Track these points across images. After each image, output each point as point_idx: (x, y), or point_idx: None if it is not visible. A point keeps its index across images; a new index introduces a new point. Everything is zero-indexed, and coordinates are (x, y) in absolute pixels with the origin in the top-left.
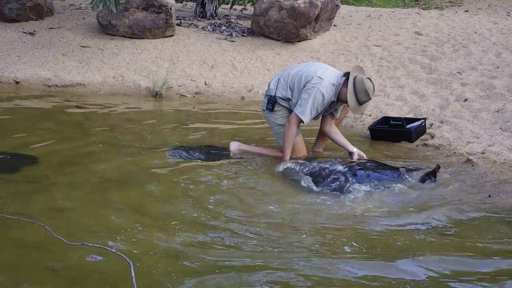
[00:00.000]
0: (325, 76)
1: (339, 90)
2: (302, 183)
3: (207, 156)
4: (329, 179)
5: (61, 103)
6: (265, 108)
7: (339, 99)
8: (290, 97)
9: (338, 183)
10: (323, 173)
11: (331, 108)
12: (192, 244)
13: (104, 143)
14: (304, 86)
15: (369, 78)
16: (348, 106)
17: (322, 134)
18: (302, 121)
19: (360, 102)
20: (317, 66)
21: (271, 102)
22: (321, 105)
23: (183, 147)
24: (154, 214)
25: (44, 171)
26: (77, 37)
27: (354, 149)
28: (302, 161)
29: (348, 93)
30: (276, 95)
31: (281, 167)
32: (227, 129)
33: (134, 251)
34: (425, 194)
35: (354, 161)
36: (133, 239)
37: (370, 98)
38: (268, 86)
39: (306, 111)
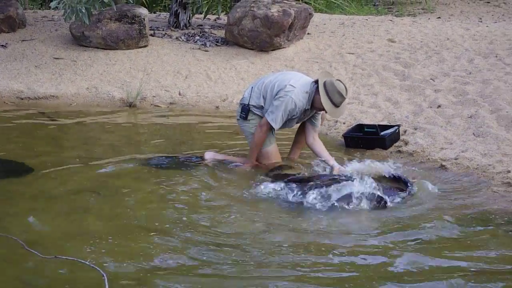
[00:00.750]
0: (297, 85)
1: (313, 98)
2: (281, 196)
3: (182, 166)
4: (307, 193)
5: (34, 116)
6: (239, 117)
7: (314, 107)
8: (263, 105)
9: (316, 197)
10: (303, 186)
11: (306, 116)
12: (167, 257)
13: (78, 155)
14: (277, 94)
15: (339, 80)
16: (325, 112)
17: (297, 143)
18: (272, 128)
19: (336, 104)
20: (291, 75)
21: (245, 110)
22: (292, 112)
23: (158, 157)
24: (129, 226)
25: (17, 183)
26: (49, 49)
27: (336, 164)
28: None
29: (322, 98)
30: (250, 103)
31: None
32: (201, 138)
33: (108, 264)
34: (398, 203)
35: (335, 176)
36: (108, 252)
37: (344, 98)
38: (243, 95)
39: (277, 118)
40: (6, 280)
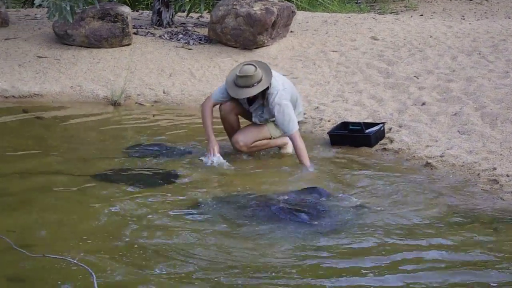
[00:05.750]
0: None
1: None
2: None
3: (167, 154)
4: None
5: (19, 115)
6: None
7: None
8: None
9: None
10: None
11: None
12: (154, 254)
13: (63, 154)
14: None
15: (250, 63)
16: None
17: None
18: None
19: (236, 83)
20: None
21: None
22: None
23: (141, 144)
24: (116, 224)
25: (2, 183)
26: (33, 47)
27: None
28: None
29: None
30: None
31: None
32: (187, 136)
33: (95, 261)
34: (386, 199)
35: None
36: (95, 249)
37: (238, 76)
38: None
39: (215, 91)
40: None
